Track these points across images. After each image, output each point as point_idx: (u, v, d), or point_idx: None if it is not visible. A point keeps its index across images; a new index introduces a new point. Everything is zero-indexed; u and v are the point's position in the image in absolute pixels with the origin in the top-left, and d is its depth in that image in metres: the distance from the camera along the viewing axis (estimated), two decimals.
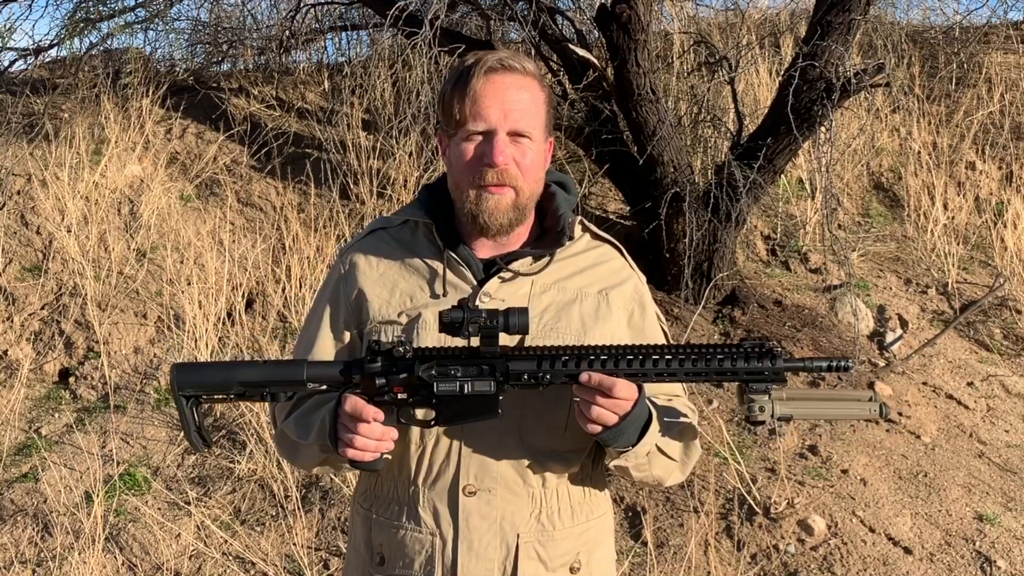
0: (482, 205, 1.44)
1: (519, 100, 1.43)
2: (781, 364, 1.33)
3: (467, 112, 1.41)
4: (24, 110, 5.97)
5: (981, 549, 3.29)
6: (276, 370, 1.40)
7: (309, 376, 1.37)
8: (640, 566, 3.21)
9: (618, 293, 1.53)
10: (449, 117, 1.45)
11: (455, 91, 1.43)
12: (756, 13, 7.01)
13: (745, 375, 1.33)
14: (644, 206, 4.52)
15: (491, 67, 1.42)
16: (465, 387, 1.35)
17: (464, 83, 1.42)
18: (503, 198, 1.44)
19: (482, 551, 1.44)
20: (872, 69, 4.08)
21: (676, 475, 1.52)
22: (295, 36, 6.55)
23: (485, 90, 1.41)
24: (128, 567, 3.34)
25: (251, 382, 1.38)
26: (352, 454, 1.36)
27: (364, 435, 1.35)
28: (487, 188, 1.43)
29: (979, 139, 5.97)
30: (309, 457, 1.52)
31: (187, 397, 1.38)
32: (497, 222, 1.45)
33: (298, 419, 1.50)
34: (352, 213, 5.17)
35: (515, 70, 1.43)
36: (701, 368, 1.33)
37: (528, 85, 1.45)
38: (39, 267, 4.91)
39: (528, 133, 1.43)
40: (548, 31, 4.67)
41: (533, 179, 1.47)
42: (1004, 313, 4.83)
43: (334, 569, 3.29)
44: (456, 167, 1.46)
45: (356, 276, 1.53)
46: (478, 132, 1.42)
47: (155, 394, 4.23)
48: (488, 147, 1.41)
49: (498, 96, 1.41)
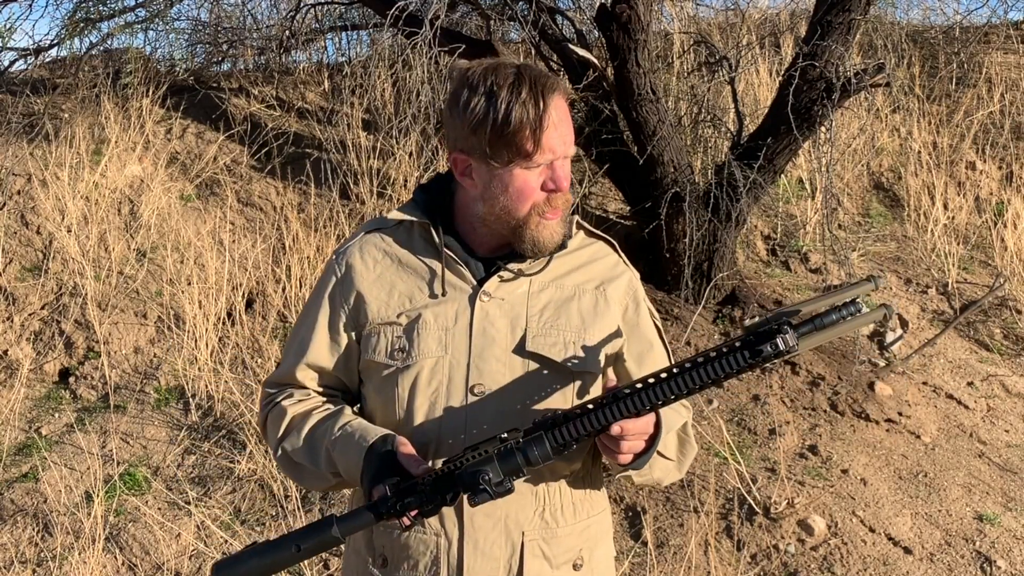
0: (543, 232, 1.44)
1: (568, 123, 1.42)
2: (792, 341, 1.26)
3: (540, 144, 1.37)
4: (24, 110, 5.97)
5: (981, 549, 3.29)
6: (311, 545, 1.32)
7: (342, 533, 1.32)
8: (640, 566, 3.21)
9: (614, 288, 1.54)
10: (508, 149, 1.38)
11: (524, 125, 1.35)
12: (756, 13, 7.01)
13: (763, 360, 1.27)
14: (644, 206, 4.52)
15: (554, 94, 1.38)
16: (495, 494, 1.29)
17: (535, 115, 1.36)
18: (557, 221, 1.46)
19: (488, 550, 1.44)
20: (872, 69, 4.08)
21: (673, 474, 1.53)
22: (295, 36, 6.56)
23: (554, 120, 1.38)
24: (128, 567, 3.34)
25: (287, 560, 1.32)
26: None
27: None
28: (548, 215, 1.44)
29: (979, 139, 5.97)
30: (320, 482, 1.50)
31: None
32: (553, 243, 1.47)
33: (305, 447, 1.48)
34: (352, 213, 5.17)
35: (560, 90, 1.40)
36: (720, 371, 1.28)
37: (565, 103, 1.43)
38: (39, 267, 4.91)
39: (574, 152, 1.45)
40: (548, 31, 4.67)
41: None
42: (1004, 313, 4.83)
43: (334, 569, 3.29)
44: (516, 196, 1.42)
45: (353, 278, 1.52)
46: (542, 163, 1.40)
47: (155, 394, 4.23)
48: (554, 175, 1.41)
49: (563, 123, 1.40)
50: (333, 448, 1.43)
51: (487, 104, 1.37)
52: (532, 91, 1.37)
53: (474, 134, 1.39)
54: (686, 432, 1.52)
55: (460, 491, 1.29)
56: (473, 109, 1.38)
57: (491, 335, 1.44)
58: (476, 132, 1.38)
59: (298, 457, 1.49)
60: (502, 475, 1.28)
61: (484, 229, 1.49)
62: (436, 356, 1.44)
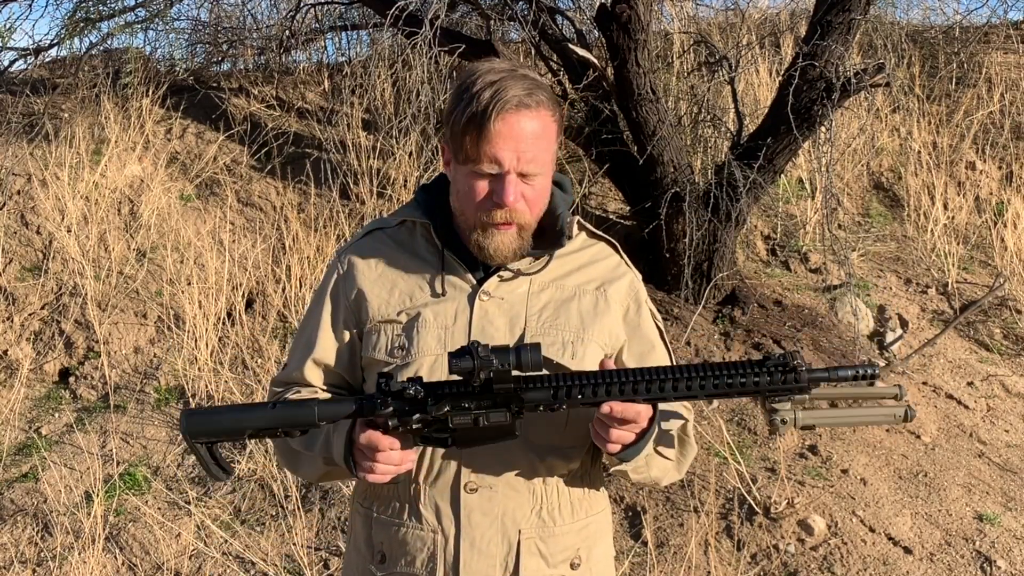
0: (488, 241, 1.44)
1: (532, 141, 1.39)
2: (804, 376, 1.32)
3: (481, 153, 1.38)
4: (24, 110, 5.97)
5: (981, 549, 3.29)
6: (287, 412, 1.36)
7: (320, 416, 1.34)
8: (640, 566, 3.21)
9: (615, 289, 1.54)
10: (459, 147, 1.41)
11: (469, 127, 1.38)
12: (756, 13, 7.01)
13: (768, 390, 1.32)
14: (644, 206, 4.52)
15: (508, 108, 1.37)
16: (480, 420, 1.33)
17: (480, 123, 1.37)
18: (507, 235, 1.44)
19: (484, 547, 1.44)
20: (872, 69, 4.08)
21: (672, 474, 1.53)
22: (295, 36, 6.55)
23: (500, 132, 1.37)
24: (128, 567, 3.34)
25: (262, 428, 1.35)
26: (373, 479, 1.36)
27: (383, 462, 1.35)
28: (493, 227, 1.43)
29: (979, 139, 5.97)
30: (312, 467, 1.52)
31: (199, 442, 1.36)
32: (502, 256, 1.46)
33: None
34: (352, 213, 5.17)
35: (529, 107, 1.38)
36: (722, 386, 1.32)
37: (542, 120, 1.41)
38: (39, 267, 4.91)
39: (538, 172, 1.42)
40: (548, 31, 4.67)
41: (538, 208, 1.47)
42: (1004, 313, 4.83)
43: (334, 569, 3.29)
44: (463, 197, 1.44)
45: (355, 276, 1.53)
46: (489, 173, 1.40)
47: (155, 394, 4.23)
48: (499, 187, 1.39)
49: (513, 139, 1.38)
50: (334, 429, 1.43)
51: (457, 100, 1.41)
52: (491, 98, 1.37)
53: (447, 125, 1.44)
54: (687, 433, 1.52)
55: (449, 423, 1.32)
56: (450, 103, 1.44)
57: (490, 334, 1.45)
58: (447, 124, 1.44)
59: (294, 443, 1.50)
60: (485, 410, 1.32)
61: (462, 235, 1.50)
62: (435, 354, 1.45)
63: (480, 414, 1.33)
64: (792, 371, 1.32)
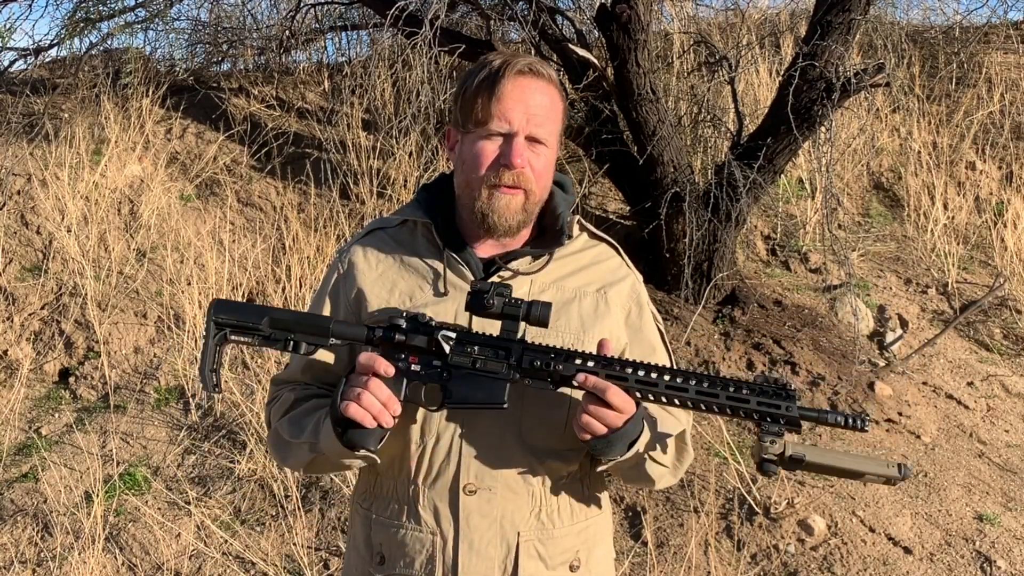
0: (494, 204, 1.45)
1: (542, 106, 1.44)
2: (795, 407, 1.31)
3: (492, 111, 1.42)
4: (24, 110, 5.97)
5: (981, 549, 3.29)
6: (304, 318, 1.43)
7: (334, 332, 1.40)
8: (640, 566, 3.21)
9: (616, 292, 1.54)
10: (469, 114, 1.44)
11: (480, 89, 1.43)
12: (756, 13, 7.01)
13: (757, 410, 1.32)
14: (644, 206, 4.52)
15: (520, 70, 1.43)
16: (478, 362, 1.37)
17: (492, 83, 1.42)
18: (514, 199, 1.45)
19: (483, 550, 1.44)
20: (872, 69, 4.08)
21: (667, 479, 1.53)
22: (295, 36, 6.55)
23: (513, 92, 1.42)
24: (128, 567, 3.34)
25: (280, 320, 1.41)
26: (353, 410, 1.32)
27: (372, 392, 1.33)
28: (500, 188, 1.44)
29: (979, 139, 5.97)
30: (298, 456, 1.52)
31: (218, 326, 1.40)
32: (506, 223, 1.46)
33: (292, 419, 1.50)
34: (352, 213, 5.17)
35: (542, 76, 1.45)
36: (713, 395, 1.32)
37: (551, 93, 1.47)
38: (39, 267, 4.91)
39: (545, 140, 1.45)
40: (548, 31, 4.67)
41: (543, 184, 1.49)
42: (1004, 313, 4.83)
43: (334, 569, 3.29)
44: (470, 164, 1.46)
45: (355, 276, 1.54)
46: (499, 133, 1.43)
47: (155, 394, 4.23)
48: (507, 148, 1.43)
49: (523, 100, 1.43)
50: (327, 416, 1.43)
51: (465, 79, 1.47)
52: (502, 63, 1.44)
53: (455, 103, 1.49)
54: (684, 440, 1.52)
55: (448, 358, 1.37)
56: (459, 85, 1.49)
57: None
58: (455, 101, 1.48)
59: (284, 432, 1.51)
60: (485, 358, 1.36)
61: (467, 217, 1.51)
62: None
63: (480, 358, 1.36)
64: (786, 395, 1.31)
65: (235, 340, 1.42)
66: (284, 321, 1.41)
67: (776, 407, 1.31)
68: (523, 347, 1.37)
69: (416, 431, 1.45)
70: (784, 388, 1.32)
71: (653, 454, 1.44)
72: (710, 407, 1.33)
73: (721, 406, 1.32)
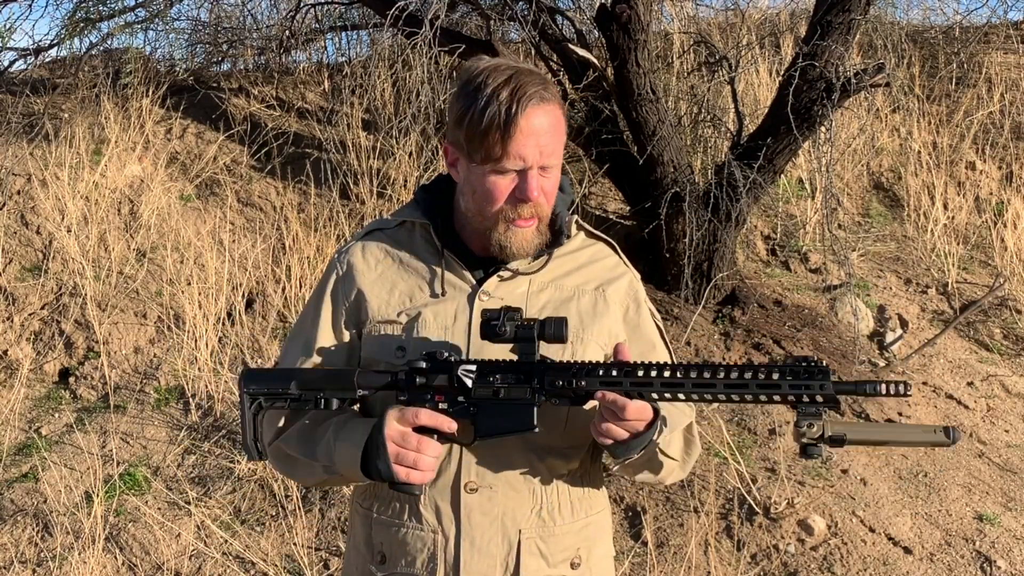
0: (511, 238, 1.45)
1: (550, 134, 1.41)
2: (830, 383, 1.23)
3: (508, 151, 1.38)
4: (24, 110, 5.97)
5: (981, 549, 3.29)
6: (329, 375, 1.45)
7: (359, 383, 1.40)
8: (640, 566, 3.21)
9: (614, 289, 1.55)
10: (479, 148, 1.40)
11: (492, 127, 1.37)
12: (756, 13, 7.01)
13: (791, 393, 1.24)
14: (644, 206, 4.52)
15: (532, 104, 1.38)
16: (501, 392, 1.35)
17: (506, 123, 1.37)
18: (530, 230, 1.45)
19: (484, 547, 1.44)
20: (872, 69, 4.08)
21: (676, 474, 1.53)
22: (295, 36, 6.55)
23: (526, 129, 1.38)
24: (128, 567, 3.34)
25: (308, 381, 1.43)
26: (416, 478, 1.35)
27: (427, 454, 1.35)
28: (518, 222, 1.44)
29: (979, 139, 5.97)
30: (310, 474, 1.52)
31: (251, 397, 1.42)
32: (525, 252, 1.47)
33: (301, 436, 1.49)
34: (352, 213, 5.17)
35: (547, 101, 1.40)
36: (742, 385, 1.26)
37: (555, 114, 1.43)
38: (39, 267, 4.91)
39: (555, 164, 1.44)
40: (548, 31, 4.67)
41: (553, 199, 1.49)
42: (1004, 313, 4.83)
43: (334, 569, 3.29)
44: (482, 197, 1.43)
45: (354, 276, 1.53)
46: (513, 169, 1.41)
47: (155, 394, 4.23)
48: (524, 184, 1.41)
49: (535, 135, 1.39)
50: (336, 435, 1.43)
51: (471, 101, 1.40)
52: (511, 96, 1.37)
53: (458, 127, 1.42)
54: (691, 433, 1.51)
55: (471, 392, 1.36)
56: (461, 103, 1.42)
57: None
58: (459, 126, 1.42)
59: (291, 449, 1.50)
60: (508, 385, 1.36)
61: (469, 226, 1.50)
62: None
63: (503, 387, 1.35)
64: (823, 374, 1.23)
65: (269, 407, 1.45)
66: (312, 381, 1.43)
67: (809, 387, 1.23)
68: (544, 368, 1.35)
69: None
70: (816, 366, 1.24)
71: (663, 448, 1.44)
72: (742, 397, 1.27)
73: (753, 395, 1.26)
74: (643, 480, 1.49)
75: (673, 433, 1.46)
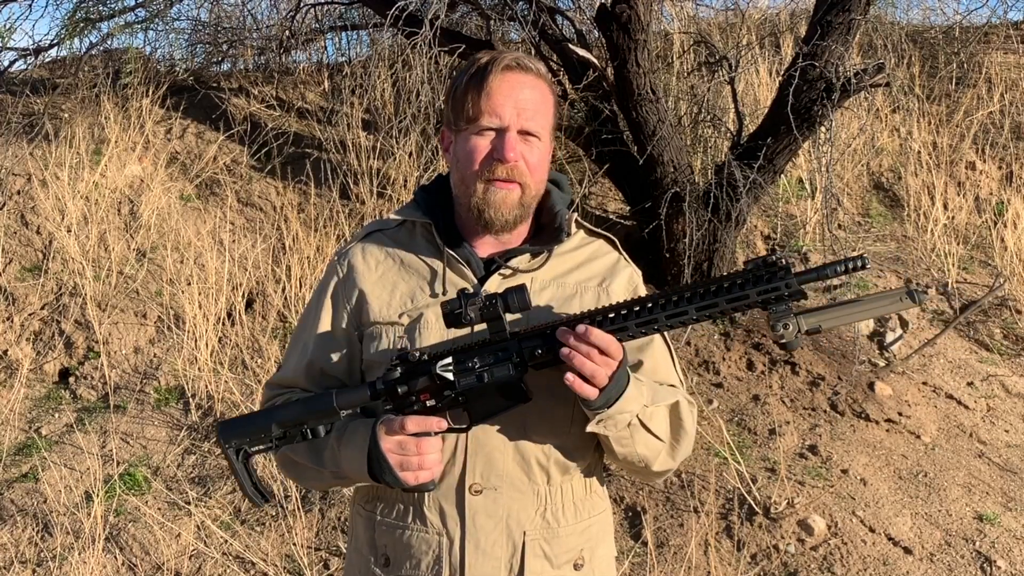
0: (489, 198, 1.45)
1: (532, 99, 1.46)
2: (793, 279, 1.25)
3: (482, 107, 1.43)
4: (24, 110, 5.97)
5: (981, 549, 3.29)
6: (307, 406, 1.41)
7: (339, 404, 1.39)
8: (640, 566, 3.21)
9: (616, 284, 1.55)
10: (460, 111, 1.46)
11: (470, 86, 1.45)
12: (756, 13, 7.01)
13: (760, 300, 1.27)
14: (644, 206, 4.52)
15: (507, 65, 1.45)
16: (485, 376, 1.35)
17: (480, 79, 1.44)
18: (510, 193, 1.46)
19: (489, 549, 1.44)
20: (872, 69, 4.08)
21: (664, 459, 1.48)
22: (295, 36, 6.56)
23: (501, 87, 1.43)
24: (128, 567, 3.34)
25: (288, 421, 1.40)
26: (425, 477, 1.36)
27: (429, 452, 1.35)
28: (495, 183, 1.45)
29: (979, 139, 5.97)
30: (319, 479, 1.52)
31: (236, 451, 1.41)
32: (503, 217, 1.47)
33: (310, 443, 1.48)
34: (352, 213, 5.17)
35: (530, 70, 1.47)
36: (711, 303, 1.28)
37: (541, 87, 1.48)
38: (39, 267, 4.91)
39: (537, 133, 1.46)
40: (548, 31, 4.67)
41: (538, 177, 1.49)
42: (1004, 313, 4.83)
43: (334, 569, 3.29)
44: (464, 161, 1.47)
45: (355, 278, 1.53)
46: (490, 128, 1.44)
47: (155, 394, 4.23)
48: (500, 143, 1.44)
49: (513, 94, 1.44)
50: (339, 441, 1.44)
51: (456, 79, 1.49)
52: (489, 60, 1.45)
53: (446, 103, 1.50)
54: (680, 416, 1.47)
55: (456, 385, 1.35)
56: (449, 86, 1.52)
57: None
58: (446, 101, 1.50)
59: (298, 456, 1.50)
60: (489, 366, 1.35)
61: (464, 215, 1.51)
62: None
63: (484, 370, 1.35)
64: (783, 270, 1.25)
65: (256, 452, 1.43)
66: (291, 416, 1.41)
67: (777, 289, 1.26)
68: (519, 340, 1.36)
69: None
70: (775, 265, 1.27)
71: (645, 421, 1.41)
72: (714, 316, 1.31)
73: (724, 311, 1.29)
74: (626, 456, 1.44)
75: (657, 407, 1.43)
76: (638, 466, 1.48)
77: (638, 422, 1.40)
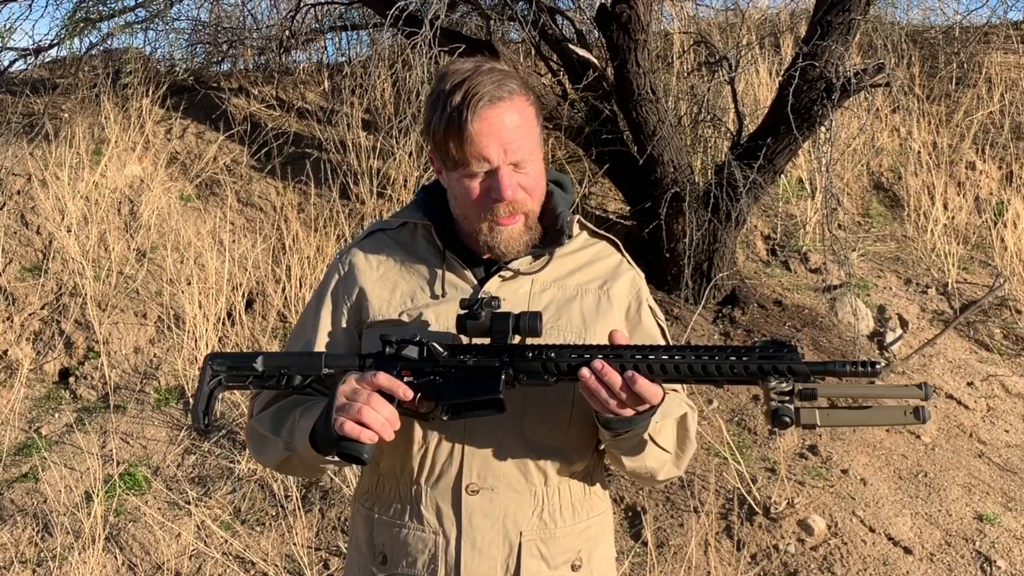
0: (497, 238, 1.44)
1: (515, 129, 1.39)
2: (800, 363, 1.24)
3: (467, 154, 1.38)
4: (24, 110, 5.97)
5: (981, 549, 3.29)
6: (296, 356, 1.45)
7: (327, 363, 1.40)
8: (640, 566, 3.21)
9: (618, 287, 1.54)
10: (445, 154, 1.41)
11: (449, 134, 1.37)
12: (756, 13, 7.01)
13: (760, 374, 1.24)
14: (644, 206, 4.52)
15: (483, 105, 1.36)
16: (470, 361, 1.34)
17: (459, 127, 1.36)
18: (515, 227, 1.45)
19: (485, 549, 1.44)
20: (872, 69, 4.08)
21: (669, 468, 1.50)
22: (295, 36, 6.56)
23: (482, 130, 1.36)
24: (128, 567, 3.34)
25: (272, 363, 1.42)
26: (349, 428, 1.26)
27: (375, 408, 1.27)
28: (499, 222, 1.43)
29: (979, 139, 5.97)
30: (273, 453, 1.50)
31: (213, 373, 1.41)
32: (514, 250, 1.46)
33: (275, 413, 1.49)
34: (352, 213, 5.17)
35: (503, 98, 1.38)
36: (711, 368, 1.26)
37: (519, 108, 1.41)
38: (39, 267, 4.91)
39: (527, 157, 1.42)
40: (548, 31, 4.67)
41: (538, 195, 1.48)
42: (1004, 313, 4.83)
43: (334, 569, 3.29)
44: (461, 200, 1.44)
45: (356, 276, 1.53)
46: (480, 171, 1.40)
47: (155, 394, 4.23)
48: (495, 183, 1.39)
49: (494, 134, 1.37)
50: (302, 414, 1.42)
51: (432, 111, 1.41)
52: (462, 100, 1.36)
53: (428, 136, 1.44)
54: (686, 428, 1.49)
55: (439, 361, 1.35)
56: (426, 114, 1.43)
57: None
58: (428, 138, 1.44)
59: (262, 428, 1.49)
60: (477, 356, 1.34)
61: (467, 239, 1.50)
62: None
63: (470, 356, 1.34)
64: (791, 351, 1.24)
65: (231, 385, 1.43)
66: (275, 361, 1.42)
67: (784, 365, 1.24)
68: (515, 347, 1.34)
69: (418, 431, 1.45)
70: (783, 347, 1.25)
71: (656, 436, 1.41)
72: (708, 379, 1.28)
73: (726, 379, 1.27)
74: (635, 470, 1.45)
75: (666, 421, 1.43)
76: (644, 476, 1.49)
77: (648, 437, 1.41)
